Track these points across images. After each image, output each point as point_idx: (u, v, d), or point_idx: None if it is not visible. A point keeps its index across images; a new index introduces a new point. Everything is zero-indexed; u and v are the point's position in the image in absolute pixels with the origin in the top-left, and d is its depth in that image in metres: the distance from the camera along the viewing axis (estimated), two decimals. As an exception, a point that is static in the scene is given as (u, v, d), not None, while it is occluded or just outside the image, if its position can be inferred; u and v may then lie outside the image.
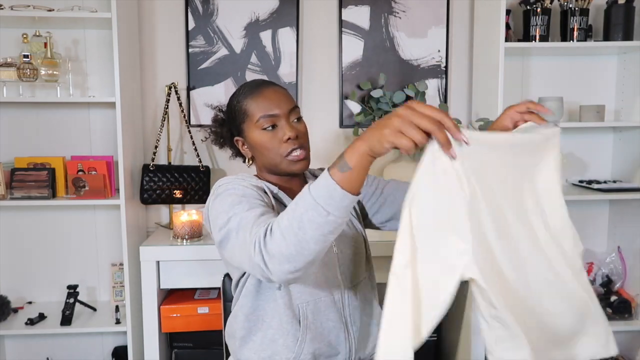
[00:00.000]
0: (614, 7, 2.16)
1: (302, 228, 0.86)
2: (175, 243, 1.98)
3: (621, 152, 2.38)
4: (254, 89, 1.23)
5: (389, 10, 2.31)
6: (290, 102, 1.23)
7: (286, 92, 1.25)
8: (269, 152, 1.21)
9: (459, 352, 2.16)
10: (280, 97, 1.22)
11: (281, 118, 1.20)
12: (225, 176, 1.27)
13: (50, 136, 2.24)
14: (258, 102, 1.21)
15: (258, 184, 1.18)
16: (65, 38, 2.19)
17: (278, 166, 1.22)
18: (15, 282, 2.29)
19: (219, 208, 1.11)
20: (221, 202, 1.11)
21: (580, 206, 2.44)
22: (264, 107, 1.20)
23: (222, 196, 1.13)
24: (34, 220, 2.28)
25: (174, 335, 2.13)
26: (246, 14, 2.26)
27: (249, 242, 0.95)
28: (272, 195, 1.20)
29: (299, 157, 1.21)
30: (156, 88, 2.28)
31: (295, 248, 0.87)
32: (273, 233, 0.90)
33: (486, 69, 2.18)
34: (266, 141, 1.20)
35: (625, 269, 2.31)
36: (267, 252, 0.90)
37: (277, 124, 1.20)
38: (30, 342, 2.32)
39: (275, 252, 0.89)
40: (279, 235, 0.88)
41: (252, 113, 1.21)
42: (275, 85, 1.25)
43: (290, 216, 0.88)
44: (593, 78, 2.39)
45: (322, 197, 0.85)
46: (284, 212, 0.91)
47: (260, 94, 1.22)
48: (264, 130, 1.20)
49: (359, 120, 2.24)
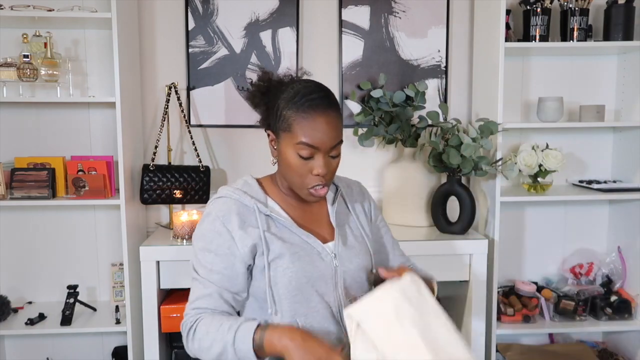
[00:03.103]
0: (614, 7, 2.16)
1: (220, 358, 1.13)
2: (175, 243, 1.98)
3: (621, 152, 2.38)
4: (309, 109, 1.15)
5: (389, 10, 2.31)
6: (336, 136, 1.18)
7: (339, 122, 1.19)
8: (294, 175, 1.19)
9: (459, 352, 2.15)
10: (330, 131, 1.15)
11: (320, 153, 1.17)
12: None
13: (50, 136, 2.24)
14: (306, 126, 1.14)
15: (251, 206, 1.21)
16: (65, 38, 2.19)
17: (296, 189, 1.23)
18: (15, 282, 2.29)
19: (198, 239, 1.23)
20: (202, 234, 1.22)
21: (580, 206, 2.44)
22: (310, 135, 1.14)
23: (202, 232, 1.23)
24: (34, 220, 2.28)
25: (174, 335, 2.14)
26: (246, 14, 2.26)
27: (185, 313, 1.21)
28: (265, 215, 1.22)
29: (319, 194, 1.20)
30: (156, 88, 2.28)
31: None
32: (194, 342, 1.17)
33: (486, 69, 2.18)
34: (297, 166, 1.18)
35: (625, 269, 2.31)
36: (187, 347, 1.20)
37: (314, 156, 1.17)
38: (30, 342, 2.32)
39: (198, 355, 1.18)
40: (198, 349, 1.16)
41: (296, 133, 1.15)
42: (331, 113, 1.17)
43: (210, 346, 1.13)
44: (593, 78, 2.39)
45: (241, 355, 1.09)
46: (206, 336, 1.14)
47: (312, 118, 1.15)
48: (299, 155, 1.17)
49: (359, 120, 2.24)
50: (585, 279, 2.35)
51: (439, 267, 1.99)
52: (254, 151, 2.32)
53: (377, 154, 2.38)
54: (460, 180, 2.07)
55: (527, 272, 2.46)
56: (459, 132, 2.01)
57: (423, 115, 2.22)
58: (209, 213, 1.23)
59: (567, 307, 2.19)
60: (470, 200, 2.04)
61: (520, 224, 2.45)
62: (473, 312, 2.03)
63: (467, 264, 2.01)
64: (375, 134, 2.20)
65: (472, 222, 2.06)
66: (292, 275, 1.17)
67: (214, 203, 1.24)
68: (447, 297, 2.31)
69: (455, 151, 1.97)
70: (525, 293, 2.23)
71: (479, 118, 2.12)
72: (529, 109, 2.39)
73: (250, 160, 2.33)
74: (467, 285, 2.04)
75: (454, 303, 2.20)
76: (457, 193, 2.06)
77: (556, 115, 2.18)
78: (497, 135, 2.05)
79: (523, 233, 2.46)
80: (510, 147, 2.35)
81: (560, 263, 2.46)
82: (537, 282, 2.39)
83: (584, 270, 2.35)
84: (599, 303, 2.20)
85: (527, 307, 2.20)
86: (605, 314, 2.20)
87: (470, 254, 2.01)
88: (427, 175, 2.15)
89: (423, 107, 2.23)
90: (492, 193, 2.13)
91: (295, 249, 1.20)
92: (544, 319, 2.22)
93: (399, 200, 2.19)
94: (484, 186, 2.22)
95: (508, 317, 2.18)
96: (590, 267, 2.34)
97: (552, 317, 2.21)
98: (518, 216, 2.44)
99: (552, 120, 2.18)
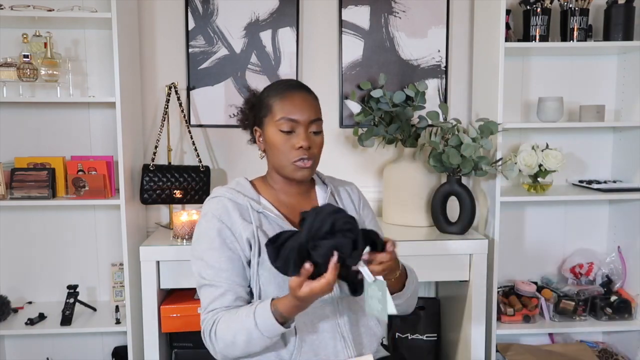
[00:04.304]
0: (614, 7, 2.16)
1: (249, 347, 1.14)
2: (175, 243, 1.98)
3: (621, 152, 2.38)
4: (286, 88, 1.27)
5: (389, 10, 2.31)
6: (314, 112, 1.26)
7: (315, 101, 1.28)
8: (279, 153, 1.25)
9: (459, 352, 2.16)
10: (307, 105, 1.25)
11: (300, 125, 1.24)
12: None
13: (50, 136, 2.24)
14: (284, 102, 1.24)
15: (244, 204, 1.24)
16: (65, 38, 2.19)
17: (283, 169, 1.27)
18: (15, 282, 2.29)
19: (198, 242, 1.24)
20: (201, 236, 1.24)
21: (580, 206, 2.44)
22: (287, 109, 1.24)
23: (202, 233, 1.24)
24: (34, 220, 2.28)
25: (174, 335, 2.14)
26: (246, 14, 2.26)
27: (200, 320, 1.21)
28: (257, 212, 1.25)
29: (304, 165, 1.24)
30: (156, 88, 2.28)
31: (242, 355, 1.17)
32: (218, 342, 1.16)
33: (486, 69, 2.18)
34: (280, 142, 1.24)
35: (625, 269, 2.31)
36: (213, 351, 1.20)
37: (295, 130, 1.24)
38: (30, 342, 2.32)
39: (226, 355, 1.18)
40: (224, 346, 1.16)
41: (275, 111, 1.25)
42: (307, 92, 1.29)
43: (234, 337, 1.14)
44: (593, 78, 2.39)
45: (268, 332, 1.11)
46: (228, 330, 1.14)
47: (288, 95, 1.25)
48: (281, 131, 1.24)
49: (358, 120, 2.24)
50: (585, 279, 2.35)
51: (439, 267, 1.99)
52: (254, 151, 2.29)
53: (377, 154, 2.38)
54: (460, 180, 2.07)
55: (527, 272, 2.46)
56: (459, 132, 2.01)
57: (423, 115, 2.22)
58: (205, 213, 1.26)
59: (567, 307, 2.19)
60: (470, 200, 2.04)
61: (520, 224, 2.45)
62: (473, 312, 2.03)
63: (467, 264, 2.01)
64: (375, 134, 2.20)
65: (472, 222, 2.06)
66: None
67: (209, 203, 1.27)
68: (447, 297, 2.31)
69: (455, 151, 1.97)
70: (525, 293, 2.24)
71: (479, 118, 2.12)
72: (529, 109, 2.39)
73: (250, 160, 2.32)
74: (467, 285, 2.04)
75: (454, 303, 2.20)
76: (457, 193, 2.06)
77: (556, 115, 2.18)
78: (497, 135, 2.05)
79: (523, 233, 2.46)
80: (510, 147, 2.35)
81: (560, 263, 2.46)
82: (537, 282, 2.39)
83: (584, 270, 2.35)
84: (599, 303, 2.20)
85: (527, 307, 2.20)
86: (605, 314, 2.20)
87: (470, 254, 2.00)
88: (427, 175, 2.15)
89: (423, 107, 2.23)
90: (492, 193, 2.13)
91: None
92: (544, 319, 2.22)
93: (399, 200, 2.19)
94: (484, 186, 2.22)
95: (508, 317, 2.18)
96: (590, 267, 2.34)
97: (552, 317, 2.21)
98: (518, 216, 2.44)
99: (552, 120, 2.18)
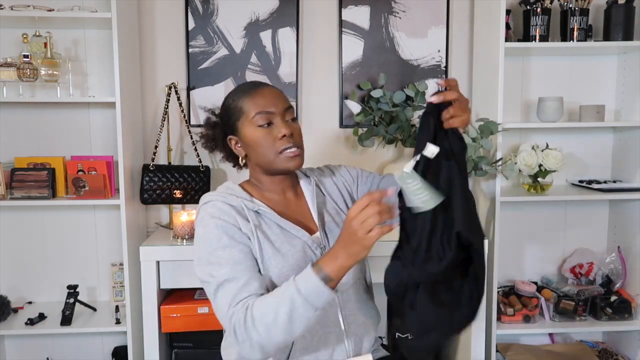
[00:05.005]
0: (614, 7, 2.16)
1: (292, 322, 1.03)
2: (175, 243, 1.98)
3: (621, 152, 2.38)
4: (251, 88, 1.28)
5: (389, 10, 2.31)
6: (285, 101, 1.28)
7: (281, 92, 1.30)
8: (263, 149, 1.24)
9: (459, 352, 2.16)
10: (276, 97, 1.27)
11: (276, 116, 1.24)
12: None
13: (50, 136, 2.24)
14: (255, 99, 1.25)
15: (238, 205, 1.21)
16: (65, 38, 2.19)
17: (272, 164, 1.25)
18: (15, 282, 2.29)
19: (202, 247, 1.18)
20: (204, 240, 1.18)
21: (580, 206, 2.44)
22: (260, 104, 1.24)
23: (207, 235, 1.18)
24: (34, 220, 2.28)
25: (174, 335, 2.13)
26: (246, 14, 2.26)
27: (226, 322, 1.09)
28: (253, 211, 1.23)
29: (294, 154, 1.24)
30: (156, 88, 2.28)
31: (284, 337, 1.06)
32: (256, 327, 1.05)
33: (486, 69, 2.18)
34: (261, 138, 1.23)
35: (625, 269, 2.31)
36: (252, 340, 1.06)
37: (273, 122, 1.24)
38: (30, 342, 2.32)
39: (265, 344, 1.06)
40: (264, 330, 1.04)
41: (248, 110, 1.24)
42: (271, 86, 1.31)
43: (276, 314, 1.03)
44: (593, 78, 2.39)
45: (313, 298, 1.03)
46: (267, 306, 1.05)
47: (256, 92, 1.26)
48: (259, 127, 1.24)
49: (358, 120, 2.24)
50: (585, 279, 2.35)
51: (439, 267, 1.99)
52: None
53: (377, 154, 2.38)
54: (460, 180, 2.07)
55: (527, 272, 2.46)
56: (459, 132, 2.01)
57: (423, 115, 2.21)
58: (202, 218, 1.22)
59: (567, 307, 2.19)
60: (470, 200, 2.04)
61: (520, 224, 2.45)
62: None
63: (467, 264, 2.01)
64: (375, 134, 2.20)
65: (472, 222, 2.06)
66: (282, 268, 1.19)
67: (204, 208, 1.23)
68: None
69: (455, 151, 1.97)
70: (525, 293, 2.24)
71: (479, 118, 2.12)
72: (529, 109, 2.39)
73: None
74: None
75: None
76: (457, 193, 2.05)
77: (556, 115, 2.18)
78: (497, 135, 2.05)
79: (523, 233, 2.46)
80: (510, 147, 2.35)
81: (560, 263, 2.46)
82: (537, 282, 2.39)
83: (584, 270, 2.35)
84: (599, 303, 2.20)
85: (527, 307, 2.20)
86: (605, 314, 2.20)
87: (470, 254, 2.00)
88: (427, 175, 2.15)
89: (423, 107, 2.23)
90: (492, 193, 2.13)
91: (282, 243, 1.22)
92: (544, 319, 2.22)
93: (399, 200, 2.19)
94: (484, 186, 2.22)
95: (508, 317, 2.18)
96: (590, 267, 2.34)
97: (552, 317, 2.21)
98: (518, 216, 2.43)
99: (552, 120, 2.18)
